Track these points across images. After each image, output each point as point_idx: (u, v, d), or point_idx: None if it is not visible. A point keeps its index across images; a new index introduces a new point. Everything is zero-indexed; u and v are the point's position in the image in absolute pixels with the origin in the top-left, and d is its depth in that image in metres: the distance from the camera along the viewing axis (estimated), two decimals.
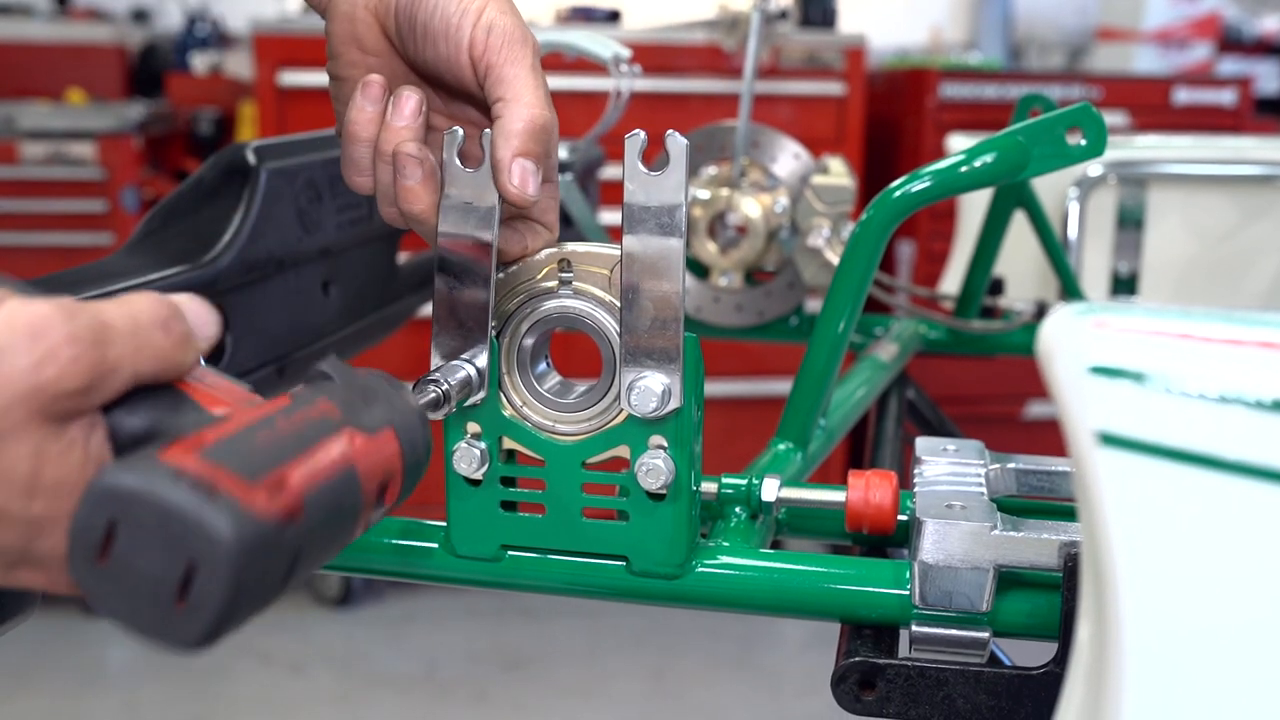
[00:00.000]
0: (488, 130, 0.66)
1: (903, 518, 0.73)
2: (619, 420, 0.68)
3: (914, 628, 0.66)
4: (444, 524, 0.74)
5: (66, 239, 2.99)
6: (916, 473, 0.73)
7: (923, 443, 0.77)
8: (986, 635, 0.65)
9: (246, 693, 2.57)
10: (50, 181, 3.03)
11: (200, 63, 3.67)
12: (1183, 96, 3.13)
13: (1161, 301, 1.67)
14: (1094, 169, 1.61)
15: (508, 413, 0.70)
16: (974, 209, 1.59)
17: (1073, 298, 1.38)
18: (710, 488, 0.76)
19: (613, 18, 3.16)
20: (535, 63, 0.67)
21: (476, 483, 0.71)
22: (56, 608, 2.71)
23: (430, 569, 0.74)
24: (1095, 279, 1.66)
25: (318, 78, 0.74)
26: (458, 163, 0.66)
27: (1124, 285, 1.67)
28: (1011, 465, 0.73)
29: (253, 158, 0.95)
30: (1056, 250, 1.35)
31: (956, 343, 1.37)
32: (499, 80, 0.66)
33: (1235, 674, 0.41)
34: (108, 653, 2.70)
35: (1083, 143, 0.82)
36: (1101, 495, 0.43)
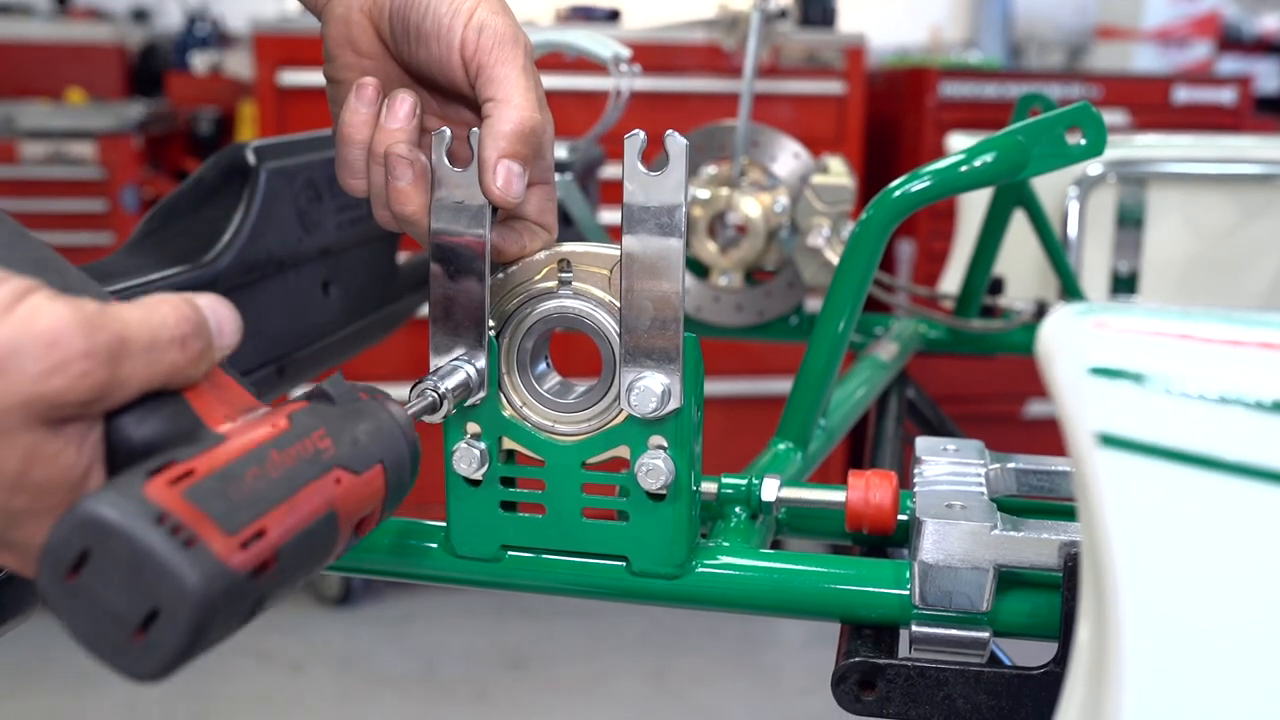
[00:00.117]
0: (475, 130, 0.66)
1: (903, 518, 0.73)
2: (619, 420, 0.68)
3: (914, 628, 0.66)
4: (443, 524, 0.74)
5: (66, 238, 2.98)
6: (916, 472, 0.73)
7: (923, 442, 0.77)
8: (986, 635, 0.65)
9: (246, 692, 2.57)
10: (50, 181, 3.03)
11: (200, 62, 3.67)
12: (1182, 95, 3.13)
13: (1161, 301, 1.67)
14: (1094, 168, 1.61)
15: (507, 413, 0.70)
16: (974, 208, 1.59)
17: (1072, 297, 1.38)
18: (710, 488, 0.76)
19: (612, 17, 3.16)
20: (527, 63, 0.66)
21: (476, 483, 0.71)
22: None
23: (430, 569, 0.74)
24: (1095, 278, 1.66)
25: (317, 77, 0.74)
26: (447, 163, 0.66)
27: (1124, 284, 1.67)
28: (1011, 465, 0.73)
29: (252, 158, 0.95)
30: (1056, 249, 1.35)
31: (956, 342, 1.37)
32: (489, 81, 0.66)
33: (1235, 675, 0.41)
34: None
35: (1082, 142, 0.82)
36: (1101, 496, 0.43)
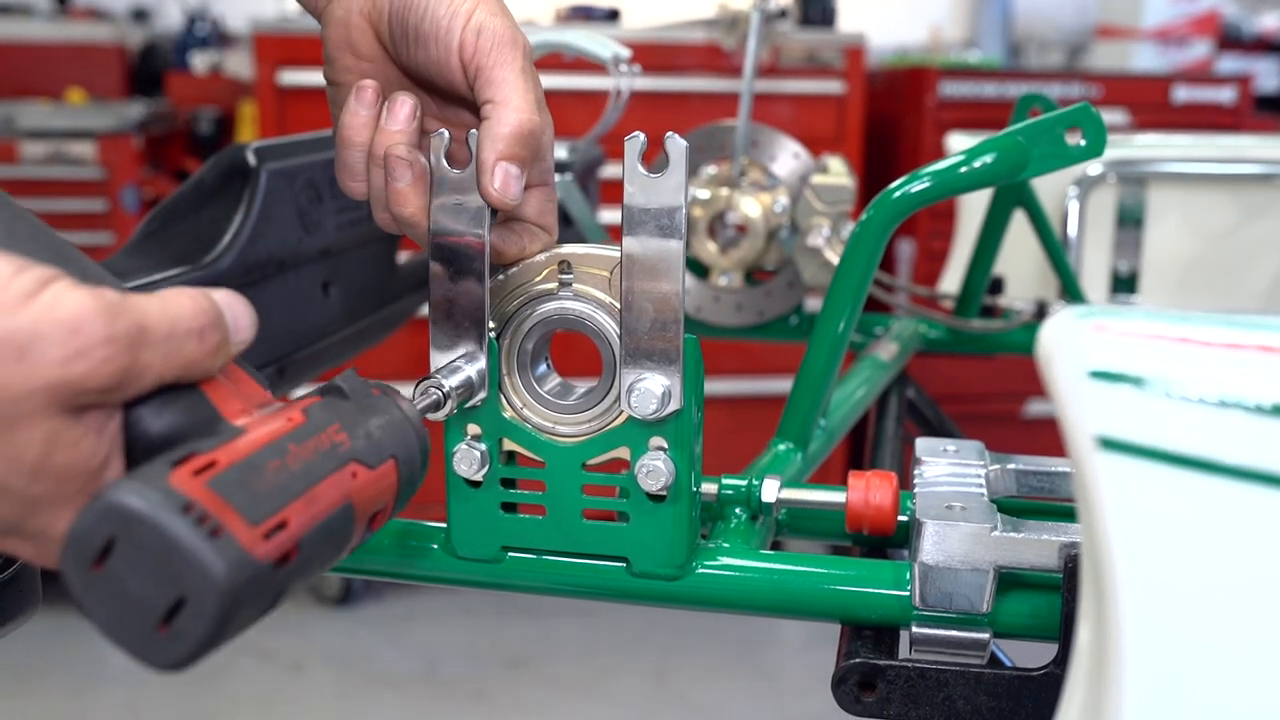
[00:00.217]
0: (474, 131, 0.66)
1: (903, 518, 0.73)
2: (619, 422, 0.68)
3: (914, 629, 0.66)
4: (444, 525, 0.74)
5: (67, 238, 2.98)
6: (916, 473, 0.73)
7: (923, 443, 0.77)
8: (987, 636, 0.65)
9: (247, 691, 2.57)
10: (50, 181, 3.03)
11: (200, 62, 3.67)
12: (1182, 94, 3.13)
13: (1161, 300, 1.67)
14: (1094, 168, 1.61)
15: (508, 414, 0.70)
16: (974, 208, 1.59)
17: (1072, 297, 1.38)
18: (710, 489, 0.76)
19: (612, 16, 3.16)
20: (526, 65, 0.66)
21: (477, 484, 0.71)
22: (57, 608, 2.71)
23: (430, 570, 0.74)
24: (1095, 278, 1.66)
25: (317, 77, 0.74)
26: (446, 164, 0.66)
27: (1124, 284, 1.67)
28: (1011, 466, 0.73)
29: (253, 159, 0.95)
30: (1056, 249, 1.35)
31: (956, 342, 1.37)
32: (488, 82, 0.66)
33: (1234, 677, 0.41)
34: (108, 653, 2.70)
35: (1082, 143, 0.82)
36: (1101, 499, 0.43)
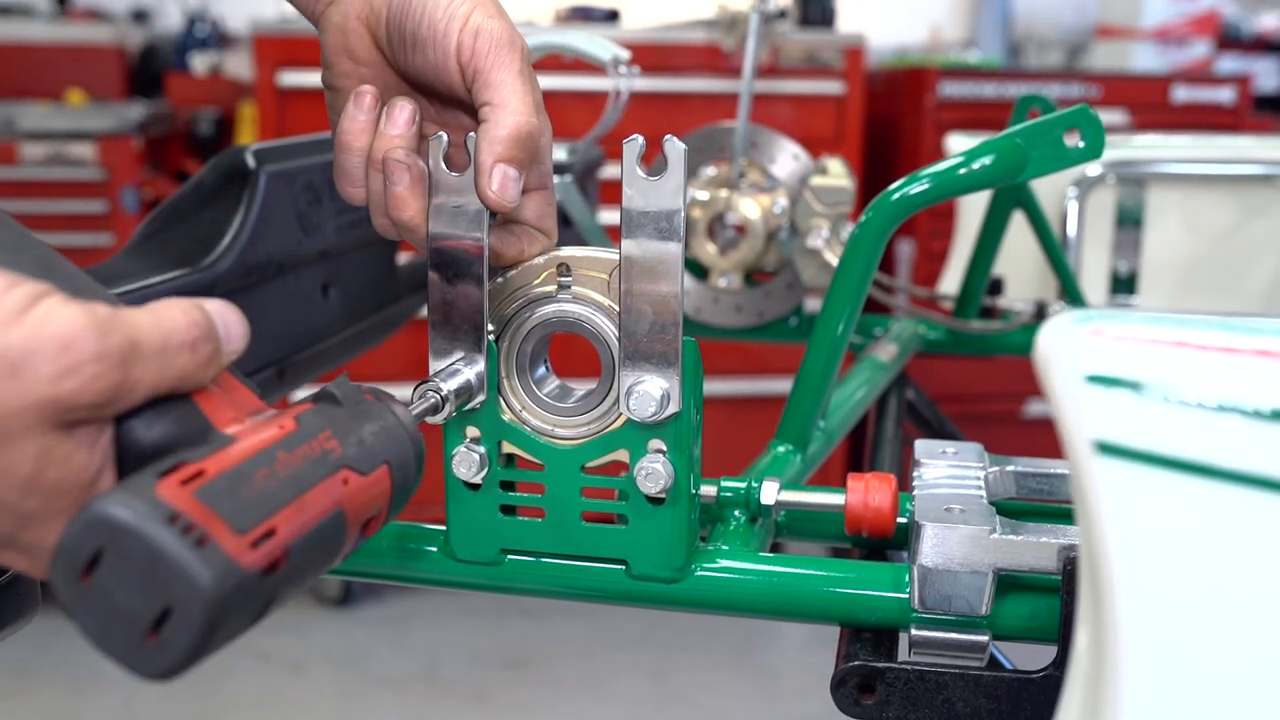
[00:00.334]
0: (472, 134, 0.66)
1: (902, 520, 0.73)
2: (618, 424, 0.68)
3: (913, 631, 0.66)
4: (443, 527, 0.74)
5: (66, 240, 2.98)
6: (915, 475, 0.73)
7: (922, 445, 0.77)
8: (986, 639, 0.65)
9: (246, 692, 2.57)
10: (50, 182, 3.03)
11: (200, 63, 3.66)
12: (1181, 94, 3.13)
13: (1161, 301, 1.67)
14: (1093, 168, 1.61)
15: (507, 417, 0.70)
16: (973, 209, 1.59)
17: (1072, 298, 1.39)
18: (709, 491, 0.76)
19: (611, 17, 3.16)
20: (524, 67, 0.66)
21: (476, 487, 0.71)
22: (57, 608, 2.71)
23: (429, 573, 0.74)
24: (1094, 279, 1.66)
25: (317, 78, 0.74)
26: (444, 167, 0.66)
27: (1123, 285, 1.67)
28: (1010, 468, 0.73)
29: (252, 161, 0.95)
30: (1055, 250, 1.35)
31: (956, 343, 1.37)
32: (486, 84, 0.65)
33: (1232, 682, 0.41)
34: None
35: (1081, 145, 0.82)
36: (1099, 504, 0.43)
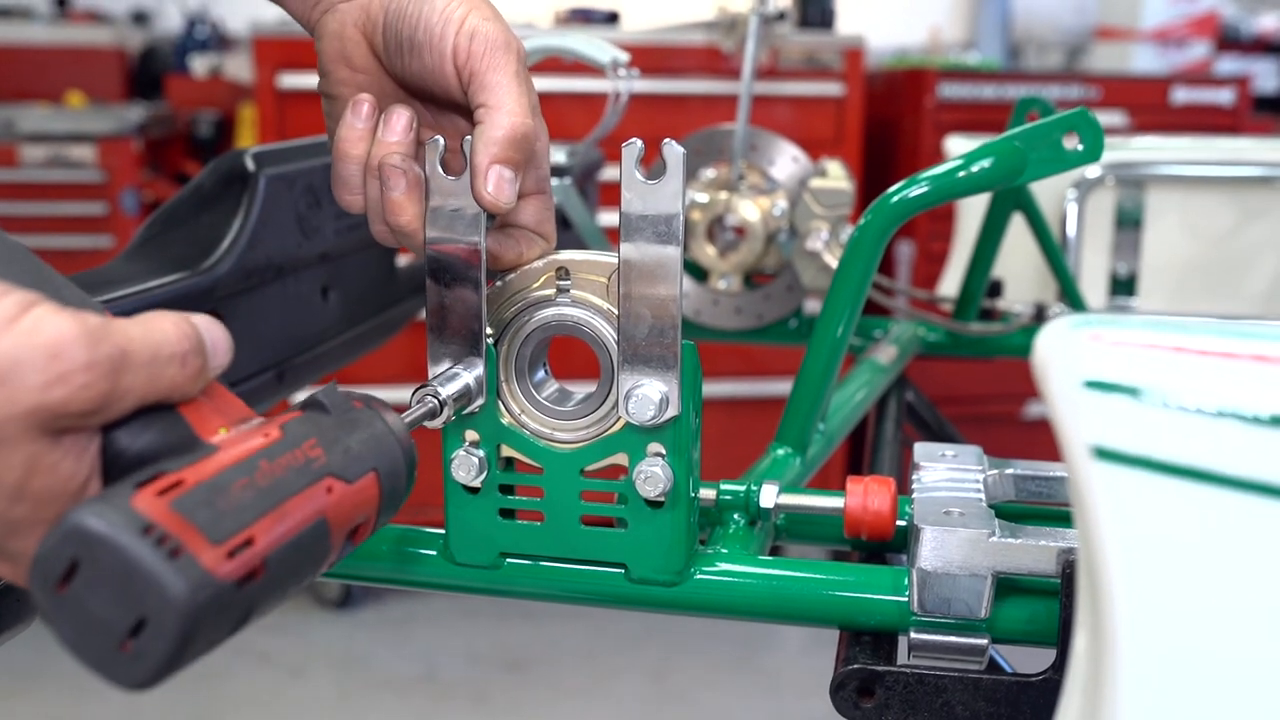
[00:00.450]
0: (469, 137, 0.66)
1: (901, 523, 0.73)
2: (617, 428, 0.68)
3: (912, 634, 0.66)
4: (442, 531, 0.74)
5: (66, 241, 2.99)
6: (915, 478, 0.73)
7: (921, 448, 0.77)
8: (985, 642, 0.65)
9: (246, 694, 2.57)
10: (50, 184, 3.03)
11: (200, 65, 3.66)
12: (1181, 96, 3.13)
13: (1160, 303, 1.67)
14: (1092, 170, 1.61)
15: (506, 420, 0.70)
16: (973, 211, 1.58)
17: (1071, 300, 1.39)
18: (709, 494, 0.76)
19: (611, 19, 3.16)
20: (520, 69, 0.66)
21: (475, 490, 0.71)
22: None
23: (429, 576, 0.74)
24: (1094, 280, 1.66)
25: (317, 81, 0.74)
26: (440, 171, 0.66)
27: (1122, 286, 1.67)
28: (1010, 471, 0.73)
29: (252, 164, 0.95)
30: (1055, 252, 1.35)
31: (955, 345, 1.37)
32: (481, 87, 0.66)
33: (1229, 687, 0.41)
34: None
35: (1079, 147, 0.82)
36: (1097, 509, 0.43)
